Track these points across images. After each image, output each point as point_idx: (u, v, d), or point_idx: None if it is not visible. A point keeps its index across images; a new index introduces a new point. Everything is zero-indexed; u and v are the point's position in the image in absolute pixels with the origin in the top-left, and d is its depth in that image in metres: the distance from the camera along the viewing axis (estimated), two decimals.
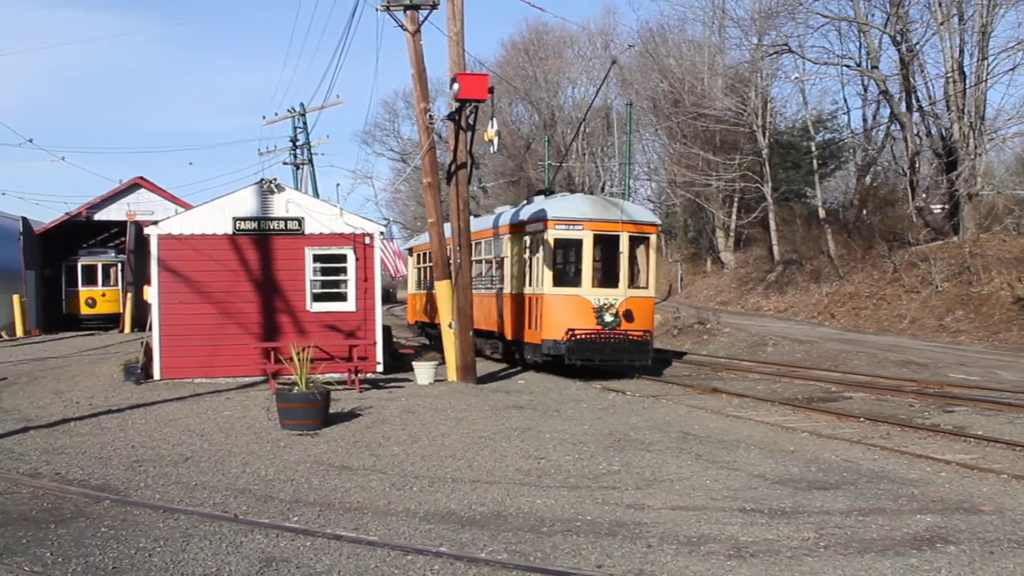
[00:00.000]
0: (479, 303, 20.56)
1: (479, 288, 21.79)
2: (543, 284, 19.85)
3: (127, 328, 35.52)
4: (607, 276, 20.66)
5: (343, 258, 17.87)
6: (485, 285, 22.66)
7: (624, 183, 44.11)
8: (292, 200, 17.91)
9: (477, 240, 22.13)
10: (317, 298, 17.80)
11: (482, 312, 21.84)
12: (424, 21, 17.03)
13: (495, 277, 22.43)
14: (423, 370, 17.13)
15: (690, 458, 10.39)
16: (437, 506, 8.10)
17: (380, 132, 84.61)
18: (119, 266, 38.26)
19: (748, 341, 27.70)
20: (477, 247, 22.43)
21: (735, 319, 33.48)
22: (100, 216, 36.37)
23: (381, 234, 18.06)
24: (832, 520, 7.75)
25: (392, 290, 68.07)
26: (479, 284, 22.16)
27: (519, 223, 21.17)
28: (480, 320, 20.76)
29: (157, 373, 17.01)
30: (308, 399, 12.07)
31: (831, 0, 44.44)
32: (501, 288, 21.80)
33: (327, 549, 6.77)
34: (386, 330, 19.26)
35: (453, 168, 17.34)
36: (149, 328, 17.36)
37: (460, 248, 17.23)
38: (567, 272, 21.33)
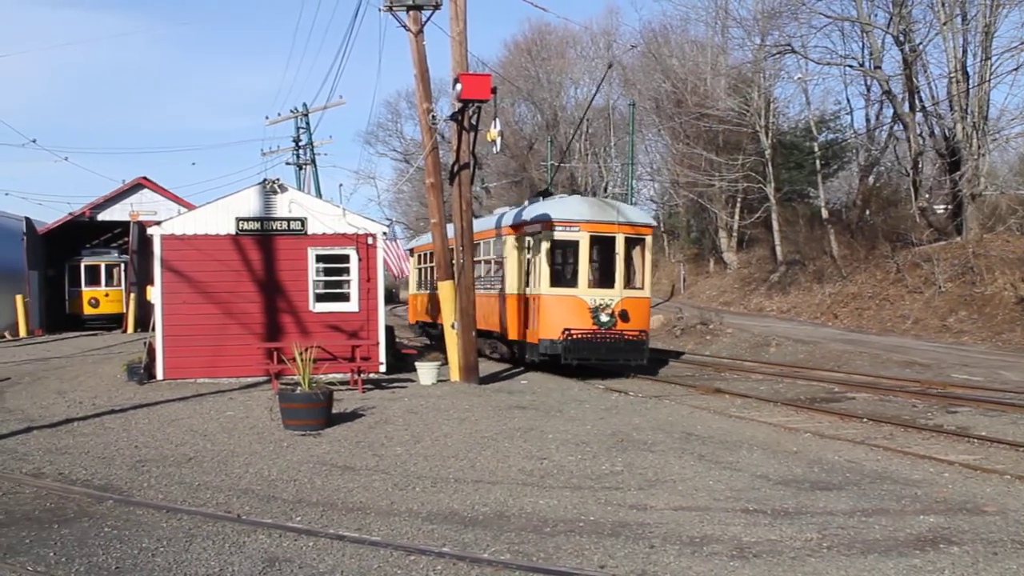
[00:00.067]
0: (479, 303, 20.65)
1: (479, 288, 21.87)
2: (540, 285, 20.06)
3: (130, 328, 35.55)
4: (603, 277, 20.89)
5: (346, 258, 17.89)
6: (484, 286, 22.71)
7: (627, 183, 44.13)
8: (295, 200, 17.92)
9: (478, 241, 22.21)
10: (320, 298, 17.82)
11: (482, 312, 21.89)
12: (427, 21, 17.03)
13: (494, 278, 22.49)
14: (426, 370, 17.14)
15: (693, 459, 10.39)
16: (440, 506, 8.10)
17: (383, 132, 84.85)
18: (122, 266, 38.32)
19: (751, 341, 27.68)
20: (477, 248, 22.53)
21: (738, 319, 33.46)
22: (103, 216, 36.43)
23: (384, 235, 18.06)
24: (835, 521, 7.75)
25: (395, 290, 68.12)
26: (479, 285, 22.23)
27: (517, 224, 21.33)
28: (480, 320, 20.84)
29: (160, 373, 17.03)
30: (311, 399, 12.08)
31: (834, 0, 44.45)
32: (500, 289, 21.88)
33: (330, 549, 6.77)
34: (389, 330, 19.26)
35: (456, 168, 17.34)
36: (152, 328, 17.38)
37: (463, 249, 17.24)
38: (564, 273, 21.51)
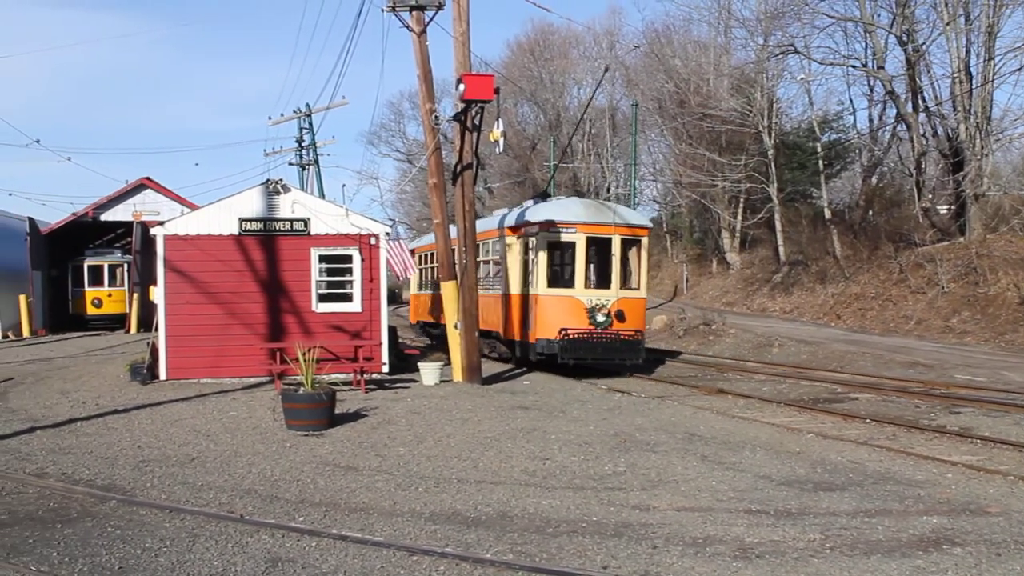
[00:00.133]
0: (479, 304, 20.77)
1: (479, 289, 21.99)
2: (537, 285, 20.33)
3: (133, 328, 35.61)
4: (600, 277, 21.19)
5: (349, 259, 17.90)
6: (484, 286, 22.84)
7: (630, 184, 44.12)
8: (298, 201, 17.94)
9: (479, 242, 22.34)
10: (323, 299, 17.83)
11: (481, 312, 22.02)
12: (430, 22, 17.03)
13: (493, 278, 22.60)
14: (429, 371, 17.16)
15: (696, 459, 10.39)
16: (443, 507, 8.11)
17: (386, 133, 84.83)
18: (125, 266, 38.36)
19: (754, 342, 27.67)
20: (478, 249, 22.67)
21: (741, 320, 33.44)
22: (106, 217, 36.46)
23: (387, 235, 18.06)
24: (838, 521, 7.74)
25: (398, 291, 68.10)
26: (479, 285, 22.35)
27: (516, 226, 21.54)
28: (480, 320, 20.98)
29: (163, 373, 17.05)
30: (314, 400, 12.09)
31: (837, 0, 44.44)
32: (499, 289, 21.99)
33: (333, 549, 6.78)
34: (392, 331, 19.28)
35: (459, 169, 17.35)
36: (155, 328, 17.40)
37: (466, 249, 17.26)
38: (561, 273, 21.80)
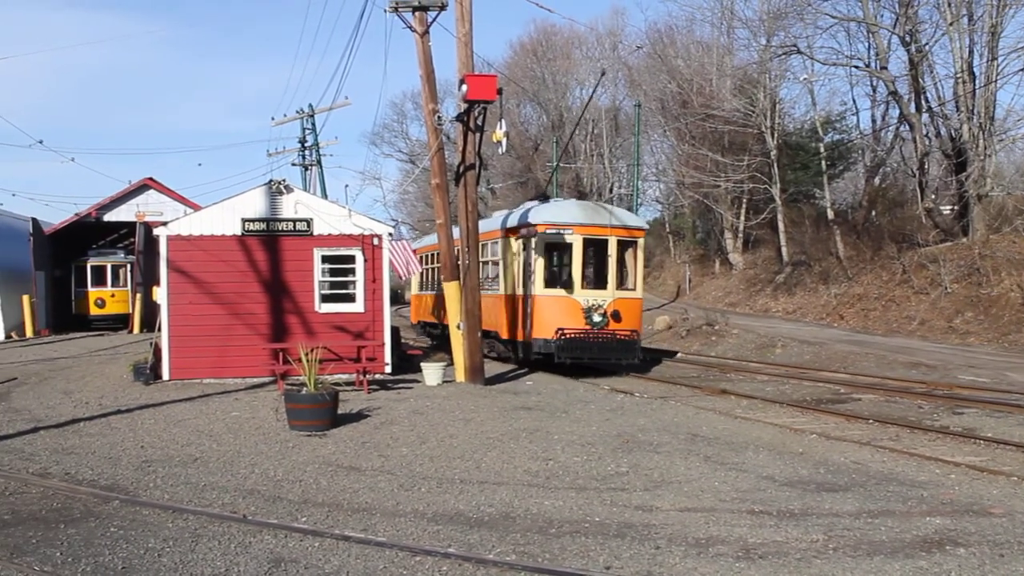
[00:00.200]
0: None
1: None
2: (535, 286, 20.51)
3: (136, 329, 35.65)
4: (596, 278, 21.38)
5: (352, 259, 17.91)
6: (483, 286, 22.89)
7: (632, 184, 44.11)
8: (301, 201, 17.95)
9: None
10: (326, 299, 17.84)
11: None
12: (432, 22, 17.03)
13: (492, 279, 22.68)
14: (431, 371, 17.16)
15: (698, 460, 10.38)
16: (445, 507, 8.11)
17: (388, 133, 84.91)
18: (128, 267, 38.40)
19: (756, 342, 27.65)
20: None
21: (743, 320, 33.42)
22: (109, 217, 36.54)
23: (390, 235, 18.06)
24: (841, 522, 7.73)
25: (401, 291, 68.12)
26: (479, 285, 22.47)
27: (514, 227, 21.69)
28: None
29: (166, 373, 17.07)
30: (317, 400, 12.10)
31: (840, 1, 44.45)
32: (498, 289, 22.09)
33: (336, 550, 6.78)
34: (394, 331, 19.27)
35: (462, 169, 17.36)
36: (158, 329, 17.43)
37: (468, 250, 17.26)
38: (558, 274, 21.93)
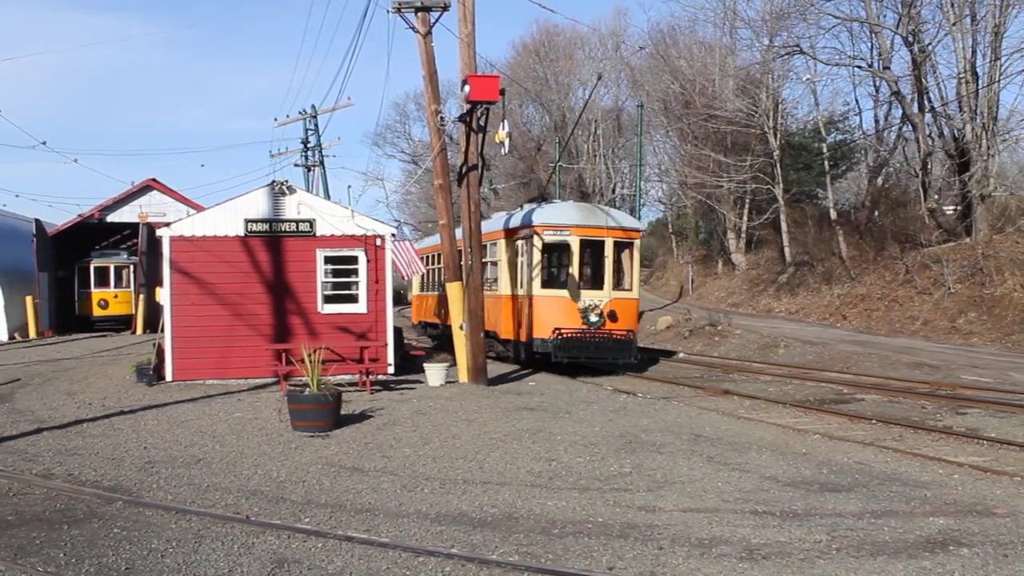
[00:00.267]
0: None
1: None
2: (532, 286, 20.73)
3: (139, 329, 35.70)
4: (593, 279, 21.60)
5: (354, 260, 17.91)
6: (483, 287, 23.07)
7: (635, 185, 44.10)
8: (303, 202, 17.96)
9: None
10: (328, 300, 17.85)
11: None
12: (435, 23, 17.04)
13: (490, 279, 22.78)
14: (434, 372, 17.16)
15: (701, 460, 10.37)
16: (448, 508, 8.10)
17: (391, 134, 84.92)
18: (131, 268, 38.44)
19: (759, 343, 27.62)
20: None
21: (746, 321, 33.39)
22: (112, 218, 36.61)
23: (393, 236, 18.06)
24: (844, 522, 7.72)
25: (403, 292, 68.13)
26: None
27: (512, 229, 21.92)
28: None
29: (169, 374, 17.08)
30: (319, 401, 12.10)
31: (843, 1, 44.38)
32: (496, 290, 22.20)
33: (339, 550, 6.78)
34: (397, 332, 19.29)
35: (464, 170, 17.36)
36: (161, 329, 17.43)
37: (471, 250, 17.27)
38: (555, 275, 22.18)
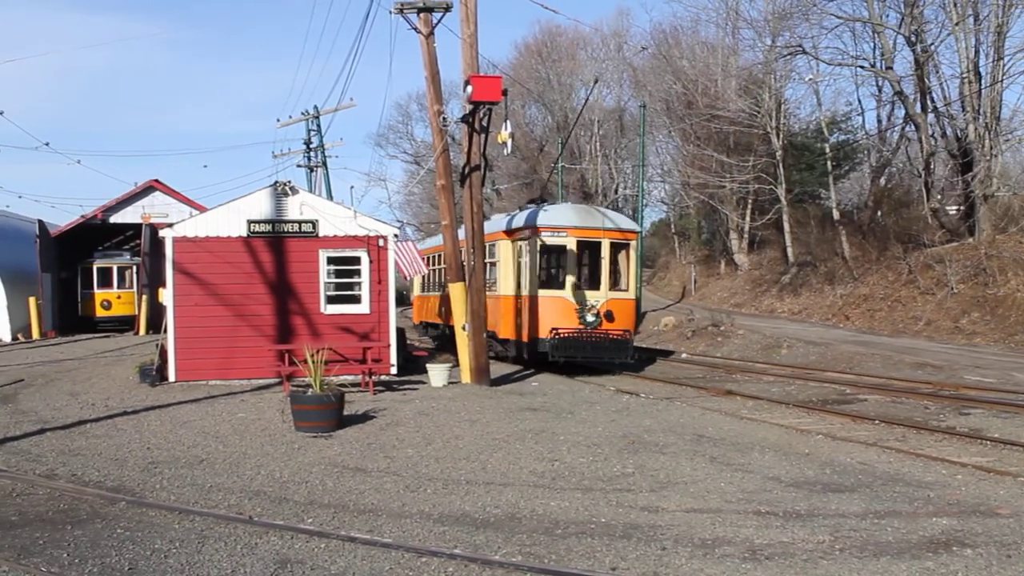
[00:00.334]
0: None
1: None
2: (530, 286, 20.98)
3: (142, 330, 35.70)
4: (590, 279, 21.80)
5: (357, 260, 17.92)
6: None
7: (637, 185, 44.08)
8: (306, 202, 17.97)
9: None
10: (331, 300, 17.85)
11: None
12: (437, 24, 17.06)
13: (491, 280, 22.86)
14: (437, 372, 17.16)
15: (704, 460, 10.37)
16: (451, 508, 8.11)
17: (394, 134, 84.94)
18: (134, 268, 38.49)
19: (762, 343, 27.60)
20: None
21: (749, 321, 33.37)
22: (115, 219, 36.62)
23: (396, 236, 18.07)
24: (847, 523, 7.72)
25: (406, 292, 68.15)
26: None
27: (511, 230, 22.17)
28: None
29: (172, 375, 17.10)
30: (322, 401, 12.11)
31: (845, 1, 44.40)
32: (496, 290, 22.30)
33: (342, 551, 6.78)
34: (400, 332, 19.29)
35: (467, 170, 17.35)
36: (164, 330, 17.45)
37: (474, 251, 17.28)
38: (553, 275, 22.41)
